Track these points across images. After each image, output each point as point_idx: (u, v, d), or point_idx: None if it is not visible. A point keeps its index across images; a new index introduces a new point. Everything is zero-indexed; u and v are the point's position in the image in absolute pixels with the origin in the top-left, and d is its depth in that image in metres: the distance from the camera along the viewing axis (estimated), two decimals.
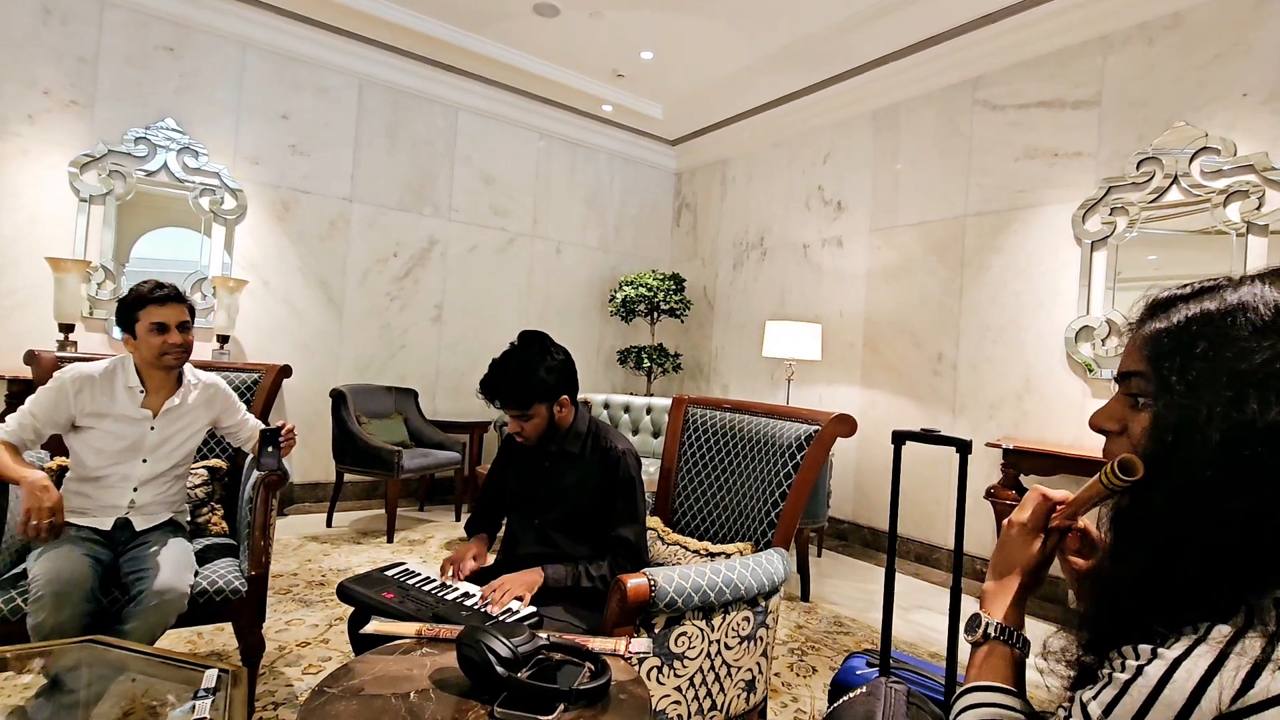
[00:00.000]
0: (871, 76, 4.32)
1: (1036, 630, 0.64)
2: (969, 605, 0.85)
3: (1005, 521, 0.83)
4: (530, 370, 1.62)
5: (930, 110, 4.11)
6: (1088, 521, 0.79)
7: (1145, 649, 0.55)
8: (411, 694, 1.00)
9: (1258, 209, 2.77)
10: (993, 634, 0.77)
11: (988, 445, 3.30)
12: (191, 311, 1.89)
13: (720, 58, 4.41)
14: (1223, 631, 0.52)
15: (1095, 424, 0.70)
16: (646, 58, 4.48)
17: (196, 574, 1.78)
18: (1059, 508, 0.80)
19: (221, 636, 2.36)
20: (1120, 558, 0.63)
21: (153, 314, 1.80)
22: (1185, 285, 0.64)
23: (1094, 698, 0.57)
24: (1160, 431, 0.60)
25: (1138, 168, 3.13)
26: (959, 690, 0.77)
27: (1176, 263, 3.10)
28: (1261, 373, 0.54)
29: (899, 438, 1.39)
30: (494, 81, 4.91)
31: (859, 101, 4.49)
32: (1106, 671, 0.58)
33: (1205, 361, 0.57)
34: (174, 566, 1.70)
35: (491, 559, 1.80)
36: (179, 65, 3.88)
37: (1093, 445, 3.20)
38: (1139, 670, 0.54)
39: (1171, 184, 3.03)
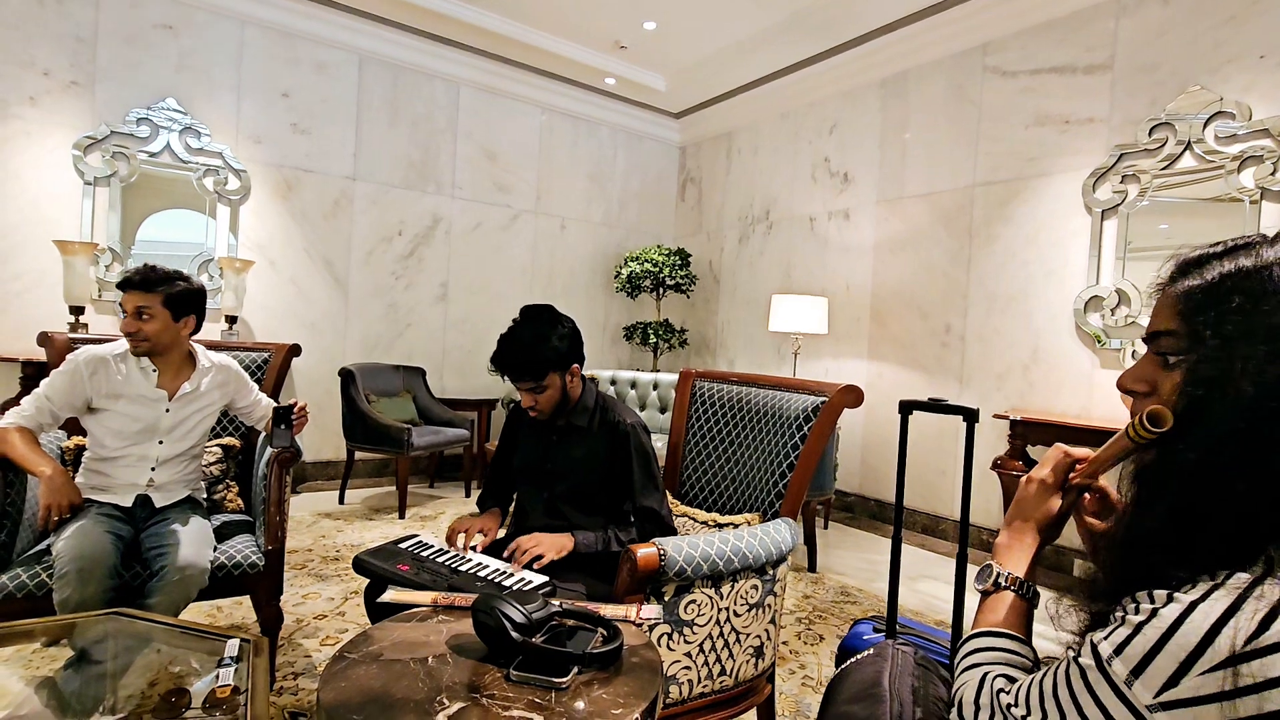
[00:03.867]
0: (879, 44, 4.23)
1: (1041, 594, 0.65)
2: (975, 572, 0.86)
3: (1025, 477, 0.84)
4: (543, 340, 1.62)
5: (939, 78, 4.04)
6: (1107, 483, 0.79)
7: (1161, 594, 0.56)
8: (429, 659, 1.02)
9: (1273, 174, 2.73)
10: (1003, 583, 0.79)
11: (995, 416, 3.30)
12: (172, 298, 1.84)
13: (724, 26, 4.33)
14: (1241, 578, 0.53)
15: (1123, 385, 0.70)
16: (649, 28, 4.40)
17: (215, 549, 1.82)
18: (1079, 465, 0.80)
19: (240, 610, 2.41)
20: (1143, 508, 0.64)
21: (124, 300, 1.83)
22: (1217, 244, 0.64)
23: (1105, 638, 0.57)
24: (1192, 385, 0.60)
25: (1150, 134, 3.08)
26: (966, 635, 0.79)
27: (1188, 231, 3.06)
28: None
29: (906, 407, 1.40)
30: (495, 55, 4.85)
31: (866, 70, 4.42)
32: (1119, 614, 0.58)
33: (1240, 315, 0.57)
34: (194, 542, 1.73)
35: (503, 533, 1.83)
36: (178, 43, 3.85)
37: (1101, 416, 3.20)
38: (1153, 613, 0.55)
39: (1184, 150, 2.98)
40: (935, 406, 1.35)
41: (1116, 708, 0.55)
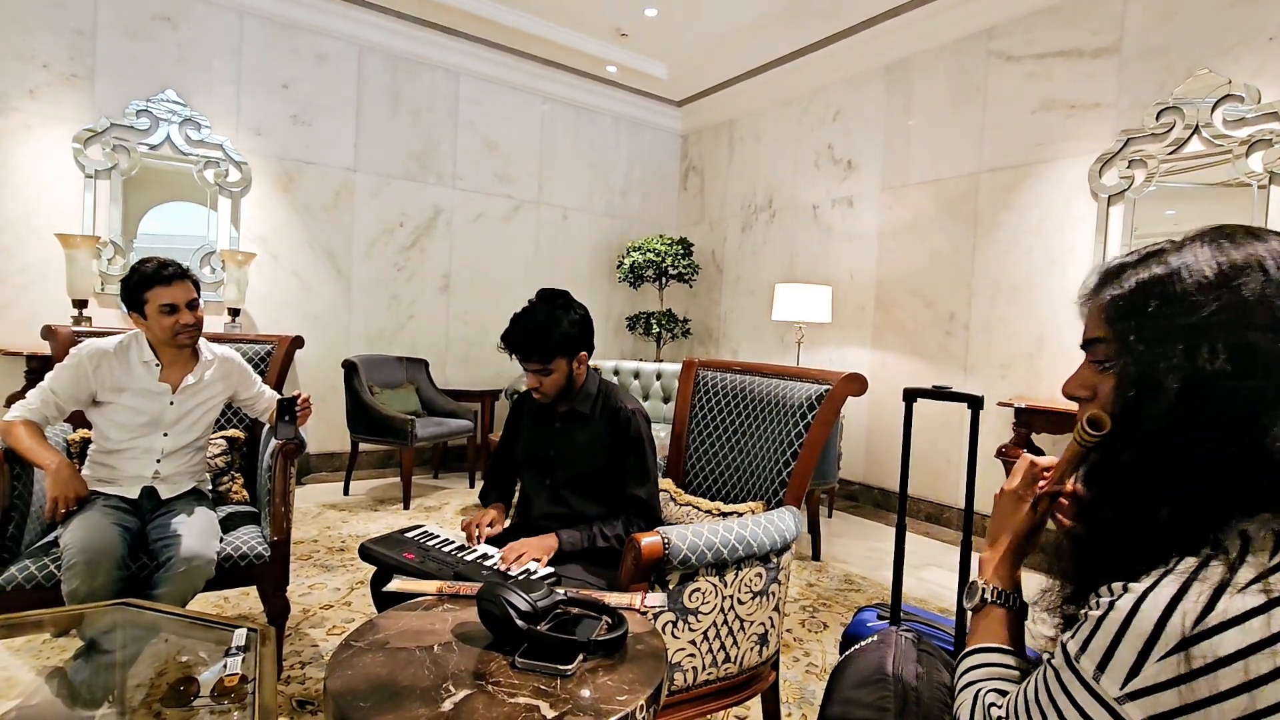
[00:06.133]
0: (883, 29, 4.19)
1: (1030, 587, 0.66)
2: (965, 591, 0.87)
3: (997, 491, 0.86)
4: (555, 323, 1.62)
5: (943, 63, 4.00)
6: (1080, 487, 0.81)
7: (1117, 586, 0.58)
8: (435, 646, 1.03)
9: None
10: (989, 599, 0.81)
11: (999, 405, 3.29)
12: (197, 286, 1.89)
13: (726, 13, 4.29)
14: (1188, 563, 0.54)
15: (1067, 392, 0.74)
16: (650, 15, 4.37)
17: (221, 540, 1.83)
18: (1047, 473, 0.83)
19: (247, 601, 2.43)
20: (1094, 508, 0.68)
21: (161, 295, 1.80)
22: (1131, 253, 0.68)
23: (1071, 637, 0.59)
24: (1124, 388, 0.64)
25: (1157, 118, 3.05)
26: (962, 654, 0.80)
27: (1195, 216, 3.03)
28: (1208, 324, 0.58)
29: (910, 395, 1.39)
30: (495, 44, 4.82)
31: (870, 56, 4.37)
32: (1084, 612, 0.60)
33: (1158, 319, 0.61)
34: (200, 534, 1.74)
35: (507, 523, 1.83)
36: (177, 35, 3.83)
37: None
38: (1110, 605, 0.56)
39: (1192, 134, 2.95)
40: (939, 394, 1.35)
41: (1090, 704, 0.56)
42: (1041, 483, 0.83)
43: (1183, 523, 0.58)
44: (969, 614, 0.84)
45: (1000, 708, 0.67)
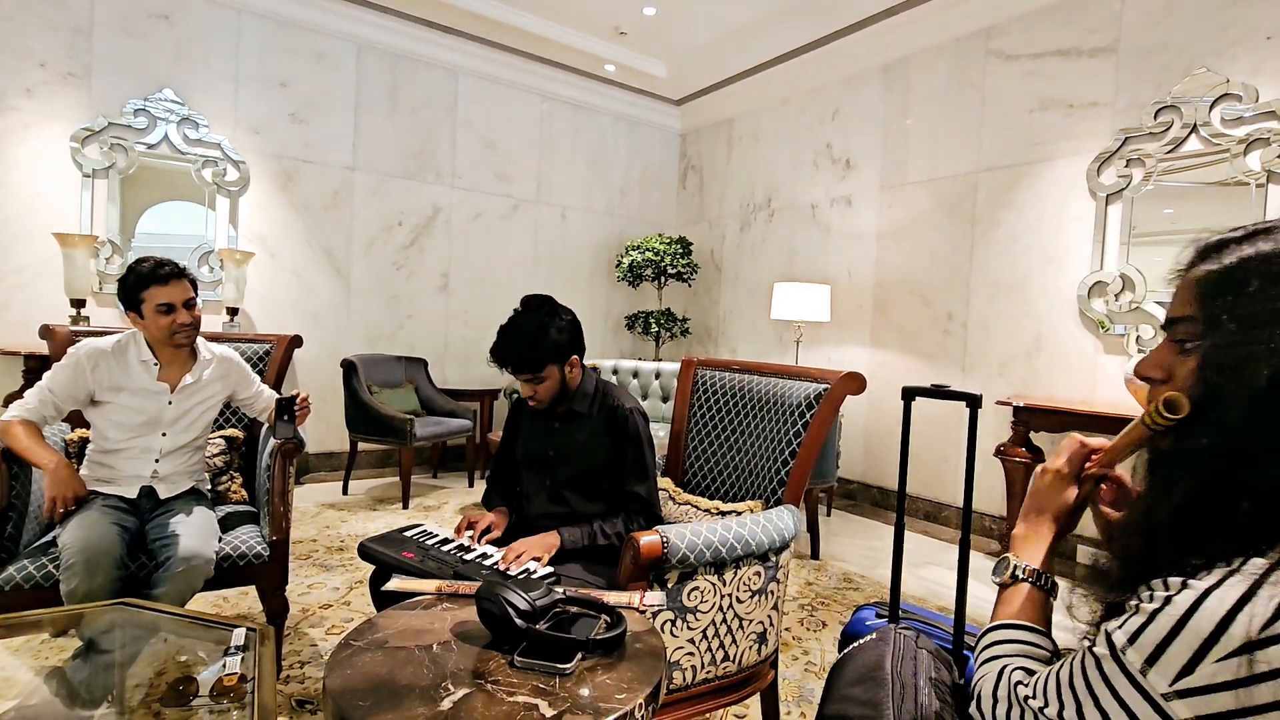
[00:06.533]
0: (881, 28, 4.19)
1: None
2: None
3: (1039, 468, 0.83)
4: (542, 331, 1.62)
5: (942, 62, 4.00)
6: (1123, 472, 0.79)
7: (1175, 581, 0.55)
8: (434, 645, 1.03)
9: (1279, 157, 2.70)
10: (1021, 576, 0.78)
11: (998, 403, 3.29)
12: (195, 285, 1.89)
13: (725, 11, 4.28)
14: (1257, 564, 0.52)
15: (1141, 372, 0.69)
16: (649, 13, 4.36)
17: (220, 540, 1.83)
18: (1095, 455, 0.79)
19: (246, 600, 2.43)
20: (1159, 496, 0.63)
21: (157, 295, 1.79)
22: (1237, 229, 0.63)
23: (1119, 626, 0.57)
24: (1208, 370, 0.60)
25: (1155, 117, 3.05)
26: (987, 628, 0.78)
27: (1193, 215, 3.04)
28: None
29: (909, 393, 1.39)
30: (494, 43, 4.81)
31: (868, 55, 4.37)
32: (1134, 603, 0.58)
33: (1258, 299, 0.57)
34: (199, 533, 1.74)
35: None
36: (174, 33, 3.82)
37: (1105, 402, 3.20)
38: (1167, 600, 0.54)
39: (1190, 133, 2.95)
40: (938, 393, 1.35)
41: (1132, 696, 0.54)
42: (1089, 464, 0.80)
43: (1252, 520, 0.55)
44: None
45: (1027, 686, 0.65)
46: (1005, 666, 0.70)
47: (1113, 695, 0.56)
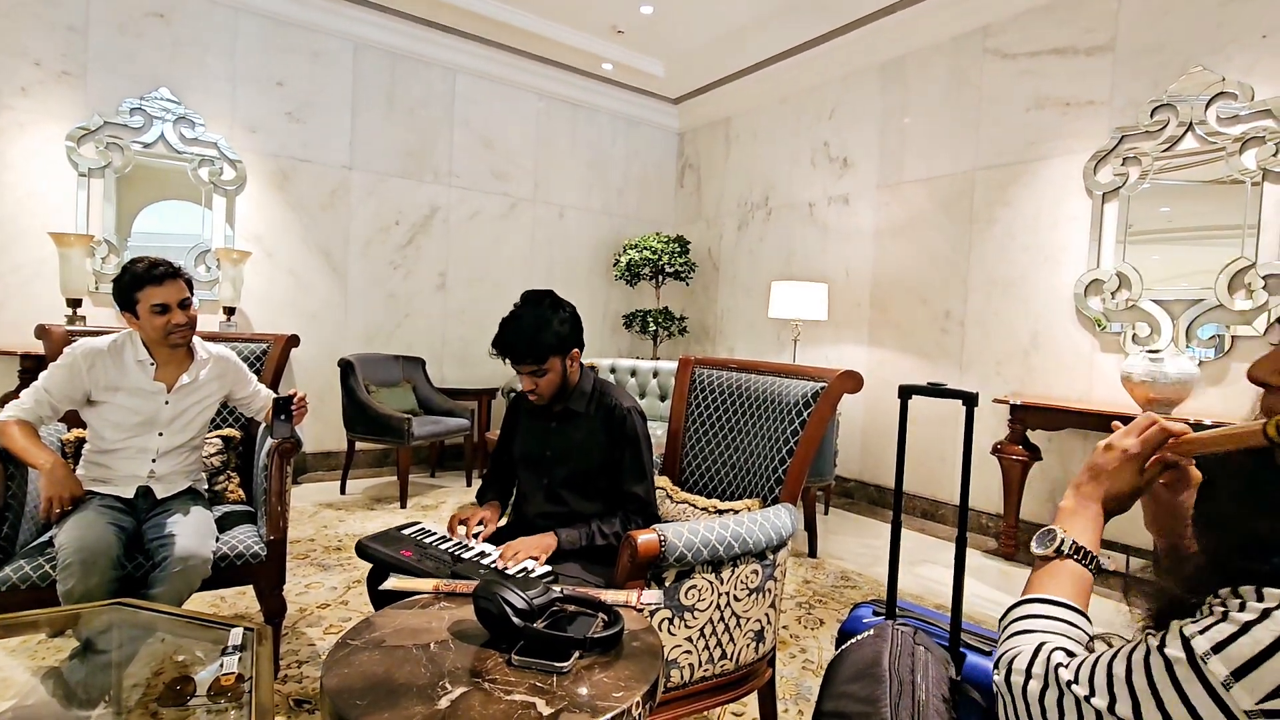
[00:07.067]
0: (879, 27, 4.19)
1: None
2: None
3: (1104, 444, 0.79)
4: (544, 323, 1.62)
5: (939, 61, 4.00)
6: (1190, 462, 0.75)
7: (1274, 593, 0.52)
8: (432, 644, 1.03)
9: (1274, 155, 2.71)
10: (1066, 550, 0.75)
11: (995, 401, 3.30)
12: (190, 285, 1.88)
13: (722, 10, 4.28)
14: None
15: (1256, 376, 0.65)
16: (646, 12, 4.36)
17: (217, 539, 1.83)
18: (1171, 441, 0.75)
19: (244, 600, 2.42)
20: (1268, 505, 0.59)
21: (152, 295, 1.79)
22: None
23: (1201, 632, 0.54)
24: None
25: (1151, 115, 3.06)
26: (1021, 599, 0.74)
27: (1189, 214, 3.04)
28: None
29: (905, 392, 1.39)
30: (492, 42, 4.80)
31: (866, 54, 4.38)
32: (1220, 609, 0.55)
33: None
34: (196, 533, 1.74)
35: (503, 522, 1.83)
36: (170, 32, 3.81)
37: (1102, 400, 3.20)
38: (1265, 613, 0.51)
39: (1186, 132, 2.96)
40: (935, 391, 1.35)
41: (1207, 707, 0.52)
42: (1166, 448, 0.75)
43: None
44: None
45: (1069, 670, 0.62)
46: (1044, 643, 0.67)
47: (1182, 701, 0.53)
